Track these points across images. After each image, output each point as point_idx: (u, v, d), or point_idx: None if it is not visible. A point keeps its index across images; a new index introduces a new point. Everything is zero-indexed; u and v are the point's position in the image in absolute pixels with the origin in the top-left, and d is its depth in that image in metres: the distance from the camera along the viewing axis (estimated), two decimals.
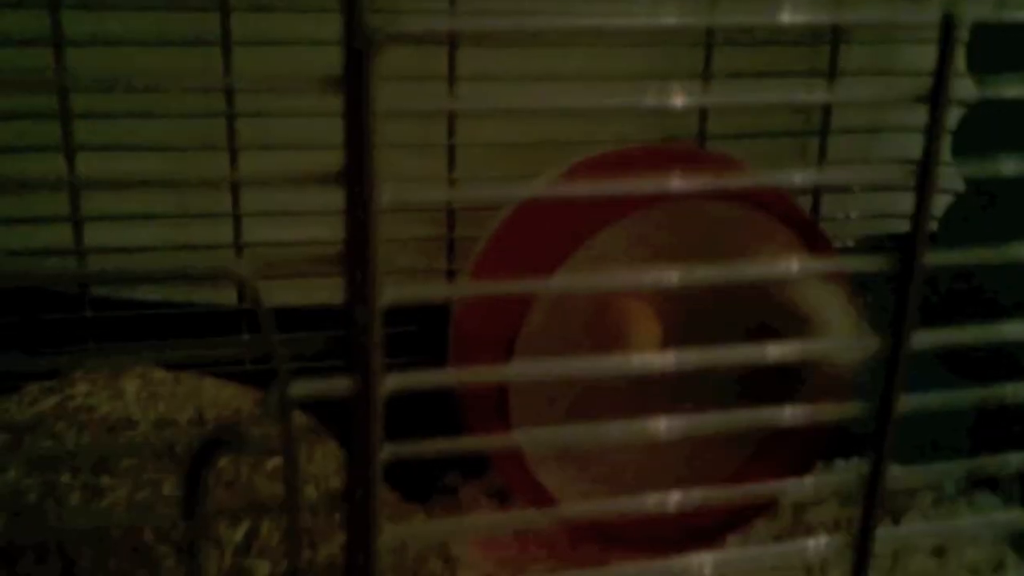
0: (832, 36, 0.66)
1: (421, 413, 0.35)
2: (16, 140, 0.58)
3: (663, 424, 0.28)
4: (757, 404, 0.30)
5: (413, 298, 0.24)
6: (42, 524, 0.39)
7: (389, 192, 0.23)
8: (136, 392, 0.46)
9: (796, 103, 0.28)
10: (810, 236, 0.55)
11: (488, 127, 0.63)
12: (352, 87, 0.22)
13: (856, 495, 0.30)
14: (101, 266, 0.51)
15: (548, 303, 0.55)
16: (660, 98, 0.24)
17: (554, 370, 0.25)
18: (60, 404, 0.45)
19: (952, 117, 0.54)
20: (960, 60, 0.47)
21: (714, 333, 0.43)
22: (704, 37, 0.65)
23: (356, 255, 0.23)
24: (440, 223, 0.65)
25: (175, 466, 0.42)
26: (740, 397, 0.51)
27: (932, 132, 0.26)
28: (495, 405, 0.53)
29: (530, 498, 0.56)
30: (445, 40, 0.61)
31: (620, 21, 0.23)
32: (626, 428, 0.28)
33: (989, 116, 0.58)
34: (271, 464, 0.45)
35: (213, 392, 0.47)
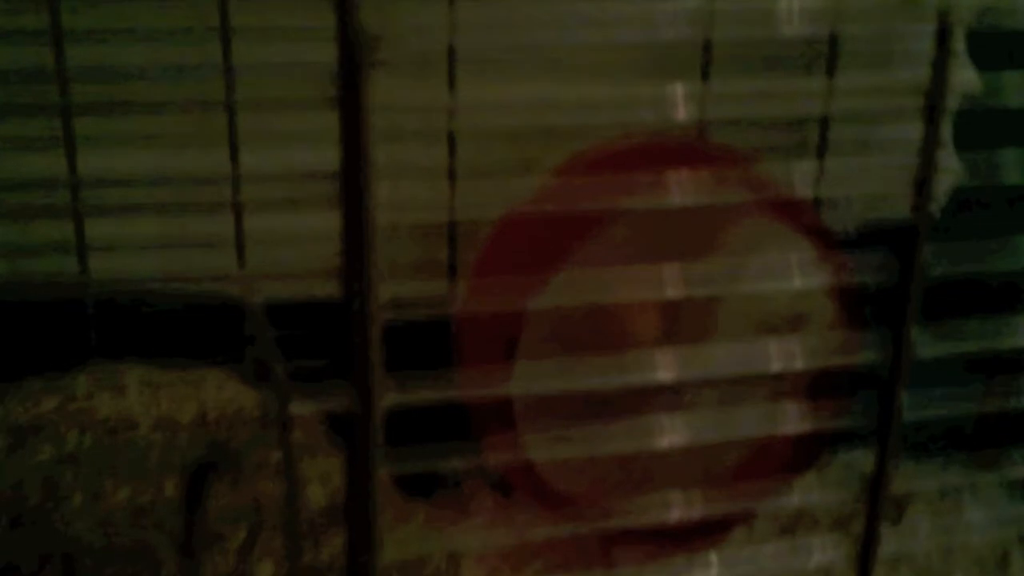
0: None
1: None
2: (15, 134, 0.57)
3: (664, 424, 0.28)
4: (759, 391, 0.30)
5: (413, 308, 0.24)
6: (45, 530, 0.39)
7: (386, 190, 0.23)
8: (137, 392, 0.46)
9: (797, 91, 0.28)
10: (812, 227, 0.54)
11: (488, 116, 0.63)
12: (347, 86, 0.22)
13: (860, 494, 0.30)
14: (101, 265, 0.51)
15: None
16: (658, 91, 0.24)
17: (554, 385, 0.24)
18: (61, 405, 0.45)
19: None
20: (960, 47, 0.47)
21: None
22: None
23: (354, 266, 0.23)
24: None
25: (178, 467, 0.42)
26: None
27: (930, 131, 0.26)
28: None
29: (531, 491, 0.56)
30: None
31: (617, 32, 0.22)
32: (627, 428, 0.28)
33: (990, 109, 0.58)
34: (275, 460, 0.44)
35: (215, 391, 0.47)
